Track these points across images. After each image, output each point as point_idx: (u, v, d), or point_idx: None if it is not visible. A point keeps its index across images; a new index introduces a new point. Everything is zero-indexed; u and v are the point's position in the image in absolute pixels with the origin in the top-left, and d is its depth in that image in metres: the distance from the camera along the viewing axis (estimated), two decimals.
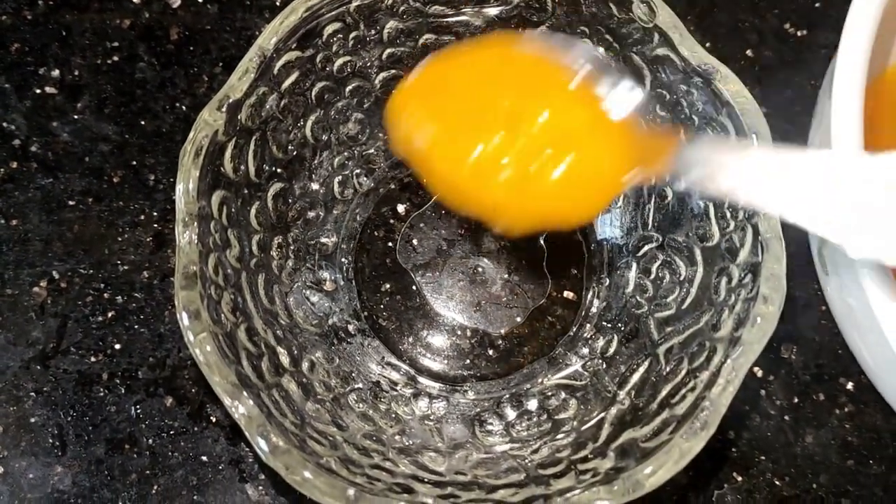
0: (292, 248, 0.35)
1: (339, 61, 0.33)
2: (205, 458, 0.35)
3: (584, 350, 0.35)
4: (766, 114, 0.30)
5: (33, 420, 0.36)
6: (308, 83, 0.33)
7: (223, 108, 0.30)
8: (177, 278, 0.28)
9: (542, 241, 0.37)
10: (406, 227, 0.37)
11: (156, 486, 0.35)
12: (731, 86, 0.30)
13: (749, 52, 0.40)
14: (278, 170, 0.34)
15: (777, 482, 0.36)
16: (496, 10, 0.33)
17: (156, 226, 0.38)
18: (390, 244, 0.37)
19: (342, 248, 0.37)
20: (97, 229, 0.38)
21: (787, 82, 0.40)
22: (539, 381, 0.35)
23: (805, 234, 0.35)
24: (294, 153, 0.34)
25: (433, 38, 0.34)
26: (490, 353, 0.36)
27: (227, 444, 0.36)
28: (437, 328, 0.36)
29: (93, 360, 0.36)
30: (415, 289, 0.37)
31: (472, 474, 0.30)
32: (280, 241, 0.34)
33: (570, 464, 0.30)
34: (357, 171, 0.36)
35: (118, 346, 0.36)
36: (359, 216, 0.37)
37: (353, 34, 0.33)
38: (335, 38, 0.32)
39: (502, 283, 0.37)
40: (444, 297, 0.37)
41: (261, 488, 0.35)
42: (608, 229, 0.37)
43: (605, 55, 0.30)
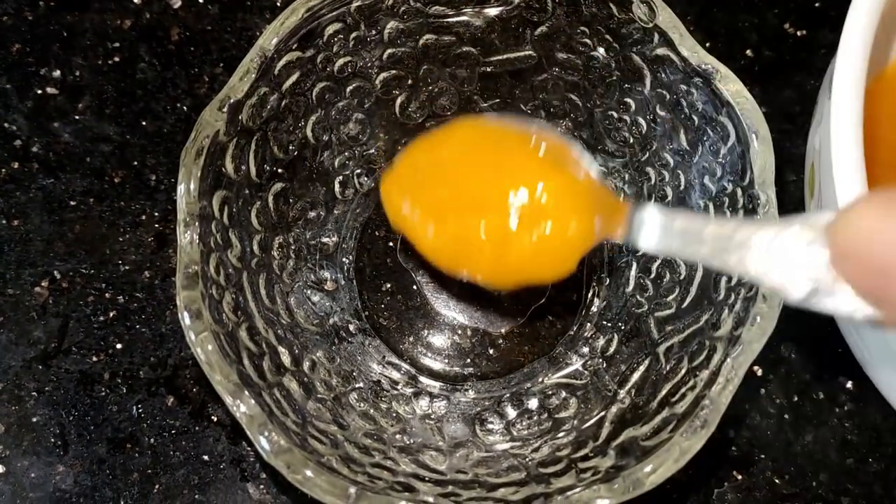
0: (293, 247, 0.35)
1: (340, 62, 0.33)
2: (206, 458, 0.35)
3: (585, 349, 0.35)
4: (766, 113, 0.31)
5: (35, 419, 0.36)
6: (309, 83, 0.33)
7: (224, 109, 0.30)
8: (178, 278, 0.29)
9: None
10: None
11: (157, 486, 0.35)
12: (731, 86, 0.30)
13: (749, 52, 0.40)
14: (279, 170, 0.34)
15: (777, 480, 0.36)
16: (496, 10, 0.33)
17: (157, 226, 0.38)
18: (391, 244, 0.37)
19: (343, 247, 0.37)
20: (98, 229, 0.38)
21: (786, 82, 0.40)
22: (539, 380, 0.35)
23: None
24: (295, 153, 0.34)
25: (433, 39, 0.34)
26: (490, 352, 0.36)
27: (228, 444, 0.36)
28: (437, 327, 0.36)
29: (94, 359, 0.36)
30: (415, 288, 0.37)
31: (473, 473, 0.31)
32: (281, 240, 0.34)
33: (571, 462, 0.30)
34: (358, 171, 0.37)
35: (119, 346, 0.37)
36: (359, 216, 0.37)
37: (354, 34, 0.33)
38: (336, 39, 0.32)
39: None
40: (445, 297, 0.37)
41: (262, 487, 0.35)
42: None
43: (558, 131, 0.32)
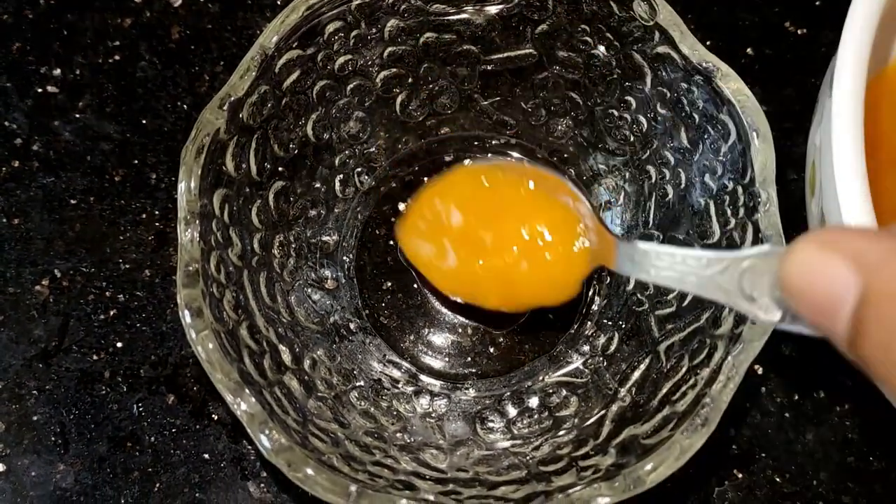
0: (294, 246, 0.35)
1: (341, 60, 0.33)
2: (207, 456, 0.35)
3: (585, 347, 0.35)
4: (767, 112, 0.31)
5: (35, 418, 0.36)
6: (309, 82, 0.33)
7: (225, 107, 0.30)
8: (179, 276, 0.29)
9: None
10: None
11: (158, 484, 0.35)
12: (731, 84, 0.30)
13: (750, 51, 0.40)
14: (280, 168, 0.34)
15: (777, 479, 0.36)
16: (497, 8, 0.33)
17: (157, 224, 0.38)
18: (391, 242, 0.37)
19: (343, 246, 0.37)
20: (99, 228, 0.38)
21: (787, 80, 0.40)
22: (540, 378, 0.35)
23: (805, 231, 0.35)
24: (295, 152, 0.34)
25: (434, 37, 0.34)
26: (491, 350, 0.36)
27: (228, 442, 0.36)
28: (438, 326, 0.36)
29: (95, 358, 0.36)
30: (416, 287, 0.37)
31: (474, 471, 0.31)
32: (282, 239, 0.34)
33: (571, 460, 0.30)
34: (358, 169, 0.37)
35: (120, 345, 0.37)
36: (360, 214, 0.37)
37: (354, 33, 0.33)
38: (336, 37, 0.32)
39: None
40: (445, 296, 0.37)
41: (263, 486, 0.35)
42: (609, 227, 0.37)
43: (552, 171, 0.35)
